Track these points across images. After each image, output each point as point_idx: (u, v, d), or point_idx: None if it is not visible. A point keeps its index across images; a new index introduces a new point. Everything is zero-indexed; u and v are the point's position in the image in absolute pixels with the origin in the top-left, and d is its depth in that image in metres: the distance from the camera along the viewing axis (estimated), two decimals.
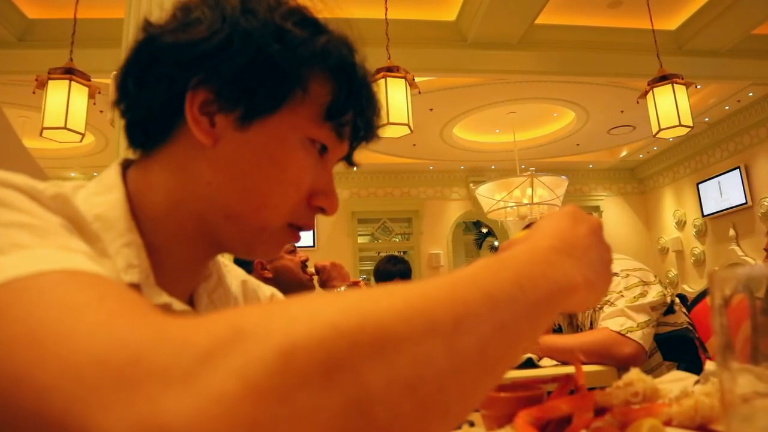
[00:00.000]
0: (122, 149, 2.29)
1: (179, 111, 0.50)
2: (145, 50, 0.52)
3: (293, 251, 2.00)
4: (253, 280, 0.71)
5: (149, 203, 0.52)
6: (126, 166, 0.55)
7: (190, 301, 0.58)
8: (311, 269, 2.00)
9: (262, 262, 1.90)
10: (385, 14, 3.54)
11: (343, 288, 1.70)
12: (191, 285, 0.58)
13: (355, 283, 2.04)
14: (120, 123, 0.50)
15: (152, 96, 0.51)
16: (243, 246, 0.55)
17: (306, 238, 6.96)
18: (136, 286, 0.47)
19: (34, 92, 3.17)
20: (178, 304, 0.50)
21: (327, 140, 0.54)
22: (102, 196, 0.51)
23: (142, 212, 0.52)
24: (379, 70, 3.11)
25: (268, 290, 0.73)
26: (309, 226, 0.56)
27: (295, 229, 0.55)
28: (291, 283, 1.89)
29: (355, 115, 0.55)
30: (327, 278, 1.77)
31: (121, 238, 0.48)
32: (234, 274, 0.67)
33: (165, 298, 0.49)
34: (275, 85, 0.50)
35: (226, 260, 0.66)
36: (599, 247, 0.45)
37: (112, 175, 0.53)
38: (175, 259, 0.53)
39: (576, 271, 0.39)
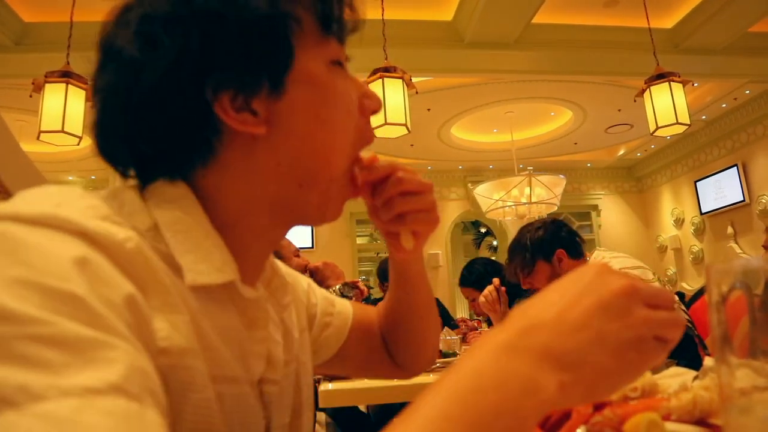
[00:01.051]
0: None
1: (209, 125, 0.47)
2: (131, 92, 0.48)
3: (297, 255, 2.02)
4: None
5: (217, 213, 0.50)
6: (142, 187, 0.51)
7: None
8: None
9: None
10: (382, 14, 3.54)
11: (338, 287, 1.69)
12: (257, 279, 0.56)
13: (354, 283, 2.05)
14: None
15: (171, 130, 0.48)
16: (317, 209, 0.53)
17: (305, 239, 6.96)
18: (229, 284, 0.47)
19: (31, 96, 3.16)
20: (263, 302, 0.53)
21: (338, 52, 0.53)
22: (168, 203, 0.48)
23: (212, 220, 0.49)
24: (376, 71, 3.11)
25: (304, 281, 0.74)
26: (372, 137, 0.57)
27: (352, 179, 0.55)
28: None
29: (340, 12, 0.53)
30: (322, 278, 1.78)
31: (208, 238, 0.47)
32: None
33: (254, 293, 0.51)
34: (273, 36, 0.47)
35: None
36: (611, 323, 0.35)
37: (175, 189, 0.49)
38: (252, 254, 0.53)
39: (542, 372, 0.33)
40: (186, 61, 0.45)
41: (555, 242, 1.90)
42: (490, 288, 2.17)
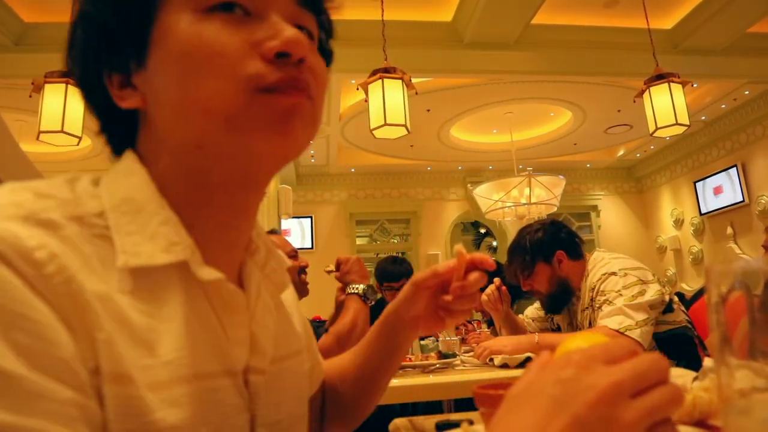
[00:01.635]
0: None
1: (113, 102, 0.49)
2: (80, 71, 0.52)
3: (295, 256, 2.00)
4: None
5: (163, 180, 0.48)
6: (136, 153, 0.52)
7: (239, 282, 0.53)
8: (314, 274, 2.00)
9: None
10: (382, 15, 3.54)
11: (361, 287, 1.67)
12: (234, 259, 0.53)
13: (377, 289, 2.05)
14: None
15: (100, 109, 0.53)
16: (238, 155, 0.46)
17: (304, 240, 6.96)
18: (183, 264, 0.44)
19: (30, 96, 3.16)
20: (229, 284, 0.47)
21: None
22: (123, 180, 0.47)
23: (168, 191, 0.48)
24: (376, 71, 3.11)
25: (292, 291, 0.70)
26: (284, 79, 0.46)
27: (270, 92, 0.45)
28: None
29: None
30: (347, 271, 1.73)
31: (155, 216, 0.45)
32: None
33: (216, 274, 0.45)
34: (128, 9, 0.47)
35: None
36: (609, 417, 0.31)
37: (127, 161, 0.49)
38: (205, 229, 0.49)
39: None
40: (82, 49, 0.50)
41: (554, 243, 1.89)
42: (491, 287, 2.17)
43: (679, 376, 0.62)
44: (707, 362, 0.69)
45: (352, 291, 1.66)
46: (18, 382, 0.31)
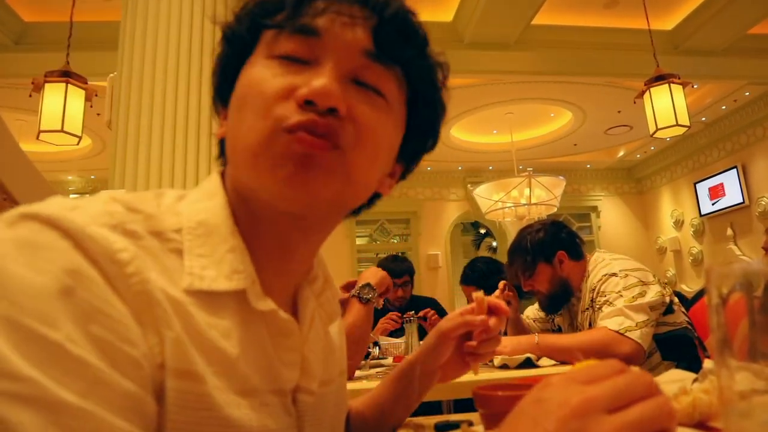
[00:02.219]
0: (119, 151, 2.29)
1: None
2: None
3: None
4: None
5: (234, 211, 0.51)
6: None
7: (293, 304, 0.57)
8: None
9: None
10: None
11: (356, 289, 1.64)
12: (289, 285, 0.56)
13: (354, 284, 2.04)
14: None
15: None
16: (258, 185, 0.48)
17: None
18: (241, 292, 0.47)
19: (30, 95, 3.17)
20: (282, 313, 0.49)
21: (286, 46, 0.50)
22: (204, 202, 0.50)
23: (242, 217, 0.51)
24: None
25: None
26: (300, 123, 0.46)
27: (289, 132, 0.46)
28: None
29: (278, 7, 0.51)
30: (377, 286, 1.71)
31: (225, 243, 0.48)
32: None
33: (270, 304, 0.48)
34: (228, 56, 0.55)
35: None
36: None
37: (213, 181, 0.53)
38: (260, 256, 0.51)
39: None
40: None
41: (555, 244, 1.89)
42: (496, 293, 2.16)
43: (679, 380, 0.62)
44: (707, 364, 0.69)
45: (353, 294, 1.65)
46: (86, 368, 0.34)
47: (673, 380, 0.61)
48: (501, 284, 2.14)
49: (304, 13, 0.50)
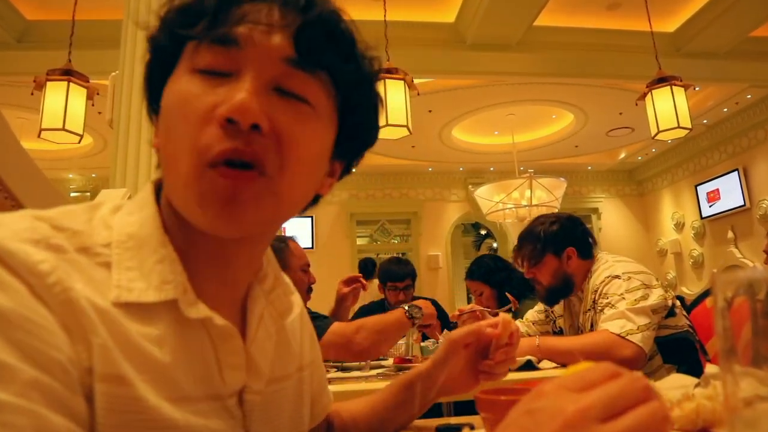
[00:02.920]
0: (131, 159, 2.29)
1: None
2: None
3: (307, 270, 2.00)
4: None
5: (174, 216, 0.52)
6: (159, 183, 0.55)
7: (244, 306, 0.56)
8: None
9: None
10: (384, 16, 3.54)
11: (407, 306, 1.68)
12: (235, 290, 0.55)
13: (355, 279, 2.04)
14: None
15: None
16: (189, 215, 0.48)
17: (305, 239, 6.96)
18: (172, 302, 0.47)
19: (32, 93, 3.16)
20: (219, 319, 0.49)
21: (206, 58, 0.48)
22: (135, 215, 0.51)
23: (176, 226, 0.51)
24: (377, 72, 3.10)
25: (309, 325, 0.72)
26: (220, 153, 0.45)
27: (214, 168, 0.46)
28: None
29: (196, 16, 0.49)
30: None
31: (154, 254, 0.48)
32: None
33: (205, 311, 0.48)
34: (160, 69, 0.53)
35: None
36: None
37: (144, 192, 0.53)
38: (199, 266, 0.51)
39: None
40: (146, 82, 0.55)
41: (567, 239, 1.88)
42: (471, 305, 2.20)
43: (681, 386, 0.62)
44: (709, 368, 0.69)
45: (403, 306, 1.69)
46: (15, 373, 0.35)
47: (674, 386, 0.60)
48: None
49: (223, 21, 0.48)
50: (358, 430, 0.78)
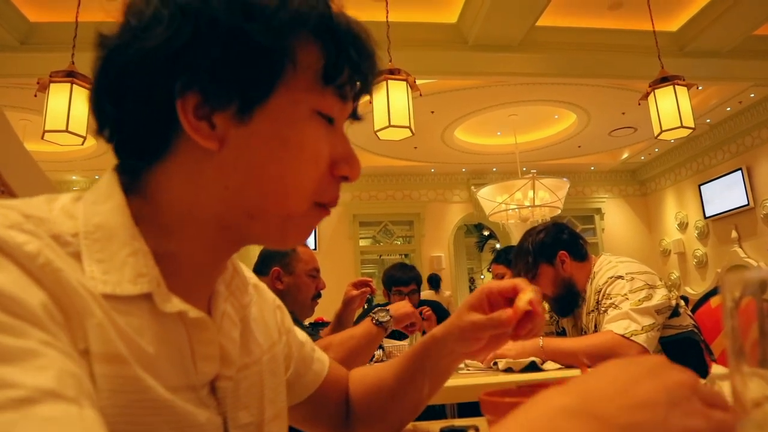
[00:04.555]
0: None
1: (172, 121, 0.47)
2: (110, 67, 0.49)
3: (316, 276, 1.97)
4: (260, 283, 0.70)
5: (162, 210, 0.50)
6: (122, 171, 0.52)
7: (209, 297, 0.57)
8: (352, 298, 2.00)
9: (280, 271, 1.89)
10: (386, 17, 3.54)
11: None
12: (213, 284, 0.56)
13: (365, 283, 2.03)
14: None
15: (136, 115, 0.48)
16: (272, 239, 0.53)
17: (308, 241, 6.96)
18: (146, 296, 0.46)
19: (35, 95, 3.17)
20: (193, 311, 0.48)
21: (332, 107, 0.52)
22: (101, 204, 0.48)
23: (153, 220, 0.49)
24: (380, 73, 3.11)
25: (274, 302, 0.72)
26: (335, 200, 0.54)
27: (322, 207, 0.53)
28: (296, 301, 1.88)
29: (351, 71, 0.51)
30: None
31: (125, 247, 0.46)
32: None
33: (179, 305, 0.48)
34: (262, 65, 0.47)
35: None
36: (673, 408, 0.34)
37: (108, 182, 0.51)
38: (197, 263, 0.52)
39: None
40: (168, 47, 0.45)
41: (556, 244, 1.89)
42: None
43: None
44: (715, 369, 0.68)
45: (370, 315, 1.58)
46: (17, 326, 0.34)
47: None
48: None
49: (362, 76, 0.54)
50: (382, 397, 0.78)
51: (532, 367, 1.67)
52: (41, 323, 0.35)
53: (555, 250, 1.88)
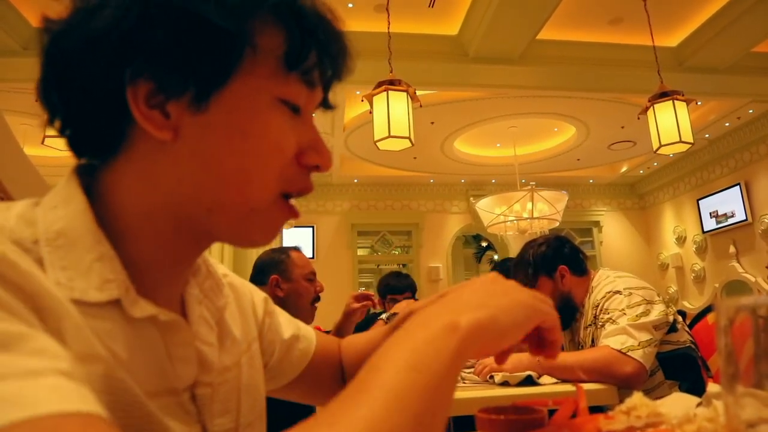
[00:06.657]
0: None
1: (124, 111, 0.44)
2: (56, 52, 0.45)
3: (313, 279, 1.98)
4: (235, 277, 0.69)
5: (118, 213, 0.47)
6: (81, 172, 0.49)
7: (182, 300, 0.55)
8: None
9: (278, 278, 1.90)
10: (388, 28, 3.56)
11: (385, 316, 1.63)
12: (182, 285, 0.54)
13: (366, 297, 2.04)
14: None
15: (85, 105, 0.45)
16: (236, 235, 0.49)
17: (306, 250, 6.95)
18: (116, 302, 0.44)
19: (36, 100, 3.18)
20: (164, 314, 0.47)
21: (297, 95, 0.49)
22: (61, 209, 0.45)
23: (111, 223, 0.46)
24: (381, 83, 3.12)
25: (256, 295, 0.72)
26: (307, 189, 0.51)
27: (289, 204, 0.50)
28: (296, 307, 1.88)
29: (318, 55, 0.49)
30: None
31: (90, 252, 0.44)
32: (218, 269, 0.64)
33: (150, 309, 0.46)
34: (218, 50, 0.44)
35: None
36: (519, 291, 0.48)
37: (67, 185, 0.47)
38: (160, 264, 0.49)
39: (460, 316, 0.42)
40: (117, 30, 0.42)
41: (557, 258, 1.89)
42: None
43: (683, 405, 0.61)
44: (711, 387, 0.68)
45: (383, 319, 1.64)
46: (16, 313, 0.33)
47: (676, 406, 0.60)
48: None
49: (332, 63, 0.52)
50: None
51: (529, 381, 1.66)
52: (25, 319, 0.34)
53: (555, 264, 1.88)
